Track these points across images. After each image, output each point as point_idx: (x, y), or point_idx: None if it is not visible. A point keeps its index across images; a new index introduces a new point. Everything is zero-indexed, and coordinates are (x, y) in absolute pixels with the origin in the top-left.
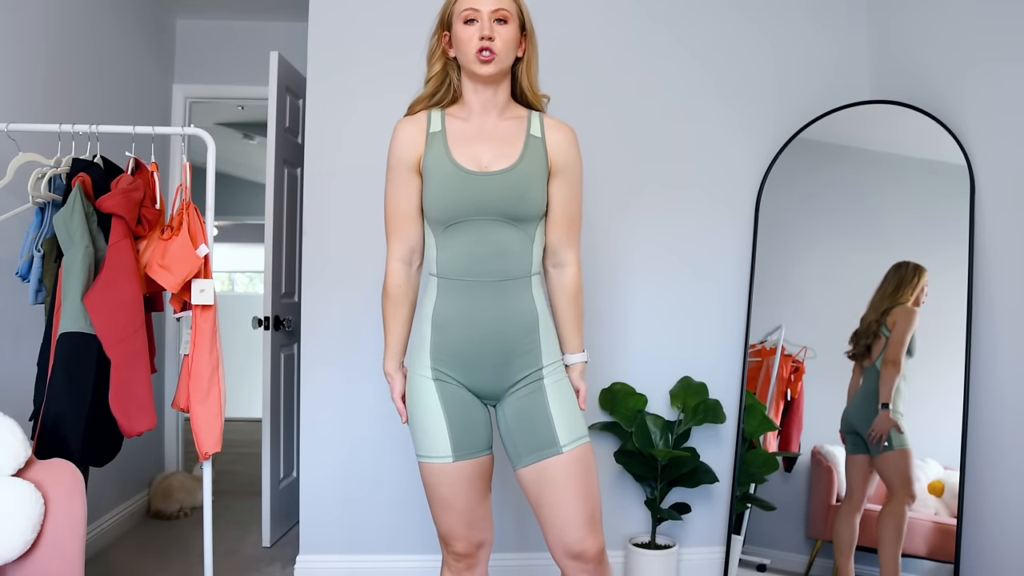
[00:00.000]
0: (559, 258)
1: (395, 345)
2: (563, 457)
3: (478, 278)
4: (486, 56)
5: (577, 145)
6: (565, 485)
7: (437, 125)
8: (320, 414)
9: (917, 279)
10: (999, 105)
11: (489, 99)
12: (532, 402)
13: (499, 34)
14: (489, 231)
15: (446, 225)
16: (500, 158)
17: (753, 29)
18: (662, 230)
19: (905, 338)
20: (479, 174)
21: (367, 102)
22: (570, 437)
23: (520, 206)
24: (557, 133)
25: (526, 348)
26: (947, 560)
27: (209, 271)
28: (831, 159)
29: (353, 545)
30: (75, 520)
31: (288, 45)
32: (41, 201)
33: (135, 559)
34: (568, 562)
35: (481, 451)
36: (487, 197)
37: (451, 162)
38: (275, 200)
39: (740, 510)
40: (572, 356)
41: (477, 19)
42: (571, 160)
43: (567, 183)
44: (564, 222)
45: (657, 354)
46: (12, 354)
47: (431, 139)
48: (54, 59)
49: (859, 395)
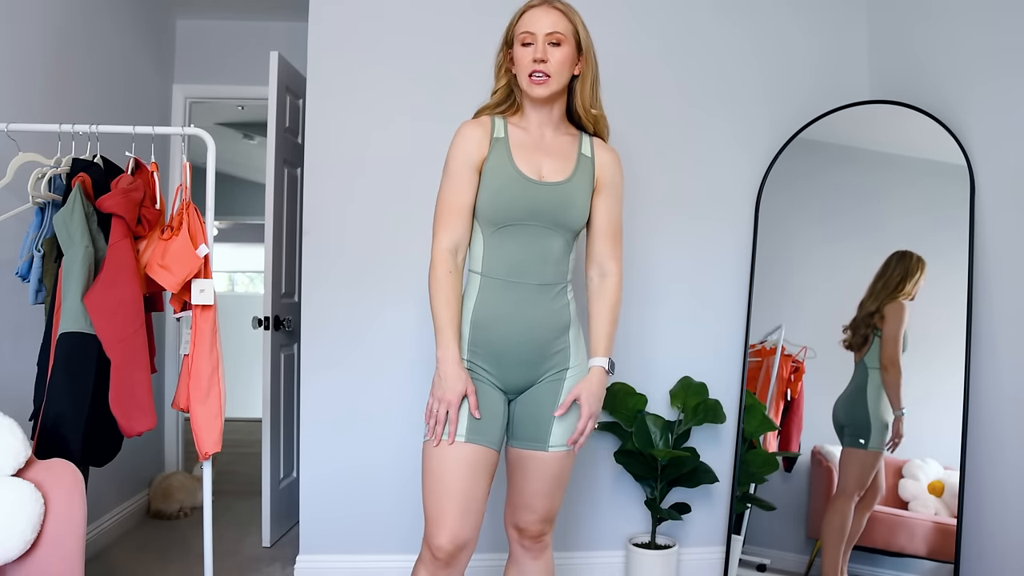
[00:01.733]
0: (604, 268)
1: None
2: (546, 455)
3: (520, 280)
4: (538, 79)
5: (621, 167)
6: (538, 480)
7: (500, 132)
8: (320, 414)
9: (920, 273)
10: (999, 105)
11: (546, 116)
12: (545, 398)
13: (552, 56)
14: (536, 236)
15: (498, 226)
16: (556, 171)
17: (753, 29)
18: (662, 230)
19: (899, 336)
20: (537, 183)
21: (367, 102)
22: (559, 441)
23: (568, 216)
24: (605, 155)
25: (556, 349)
26: (947, 560)
27: (209, 271)
28: (831, 159)
29: (353, 545)
30: (75, 520)
31: (288, 45)
32: (41, 201)
33: (135, 559)
34: (511, 531)
35: (492, 444)
36: (541, 205)
37: (514, 168)
38: (275, 200)
39: (740, 510)
40: (595, 360)
41: (533, 42)
42: (616, 179)
43: (612, 199)
44: (609, 235)
45: (657, 354)
46: (12, 354)
47: (495, 144)
48: (54, 59)
49: (848, 389)
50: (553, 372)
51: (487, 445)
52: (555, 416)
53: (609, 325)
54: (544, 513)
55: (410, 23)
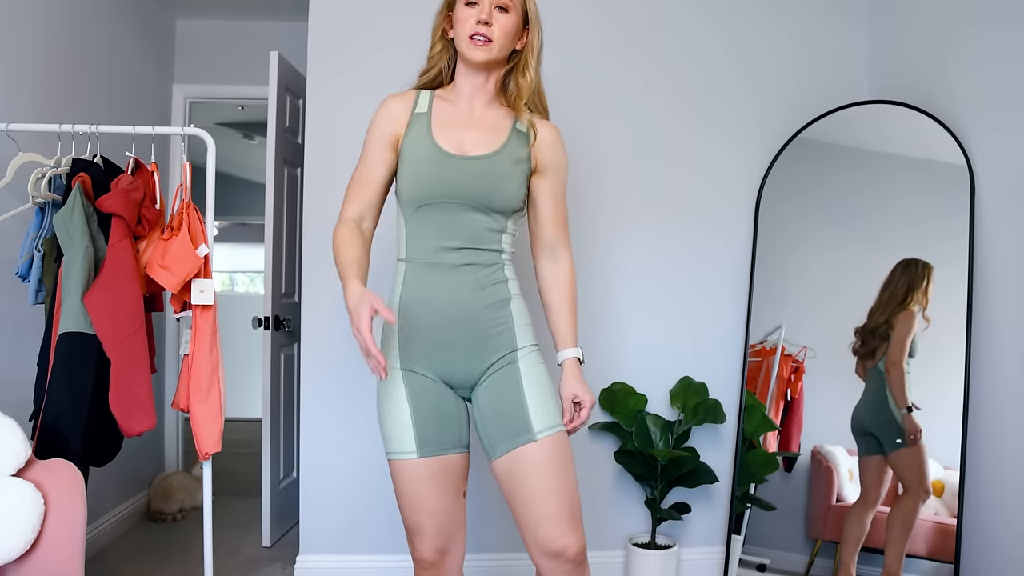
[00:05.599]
0: (555, 253)
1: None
2: (537, 445)
3: (444, 260)
4: (479, 41)
5: (563, 143)
6: (540, 476)
7: (424, 107)
8: (320, 414)
9: (927, 282)
10: (999, 105)
11: (480, 85)
12: (506, 387)
13: (497, 21)
14: (461, 216)
15: (417, 206)
16: (481, 144)
17: (752, 30)
18: (662, 230)
19: (905, 341)
20: (458, 157)
21: (367, 102)
22: (545, 424)
23: (494, 196)
24: (545, 132)
25: (497, 327)
26: (947, 560)
27: (209, 271)
28: (831, 159)
29: (353, 545)
30: (75, 520)
31: (288, 45)
32: (41, 201)
33: (135, 559)
34: (545, 561)
35: (451, 449)
36: (462, 182)
37: (431, 143)
38: (275, 200)
39: (740, 510)
40: (566, 351)
41: (479, 2)
42: (559, 158)
43: (556, 180)
44: (557, 218)
45: (657, 354)
46: (12, 354)
47: (414, 119)
48: (54, 59)
49: (867, 396)
50: (501, 357)
51: (442, 453)
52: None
53: (570, 314)
54: (567, 513)
55: (410, 23)
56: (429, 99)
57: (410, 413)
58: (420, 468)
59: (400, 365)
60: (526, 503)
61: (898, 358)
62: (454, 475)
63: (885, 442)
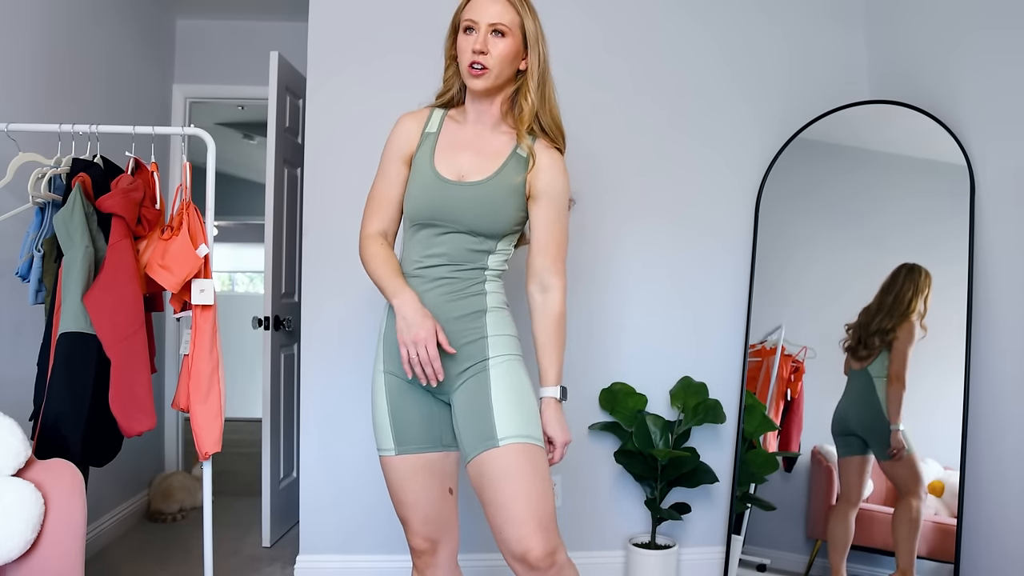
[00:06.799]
0: (545, 283)
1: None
2: (501, 451)
3: (423, 273)
4: (477, 71)
5: (564, 170)
6: (505, 480)
7: (434, 127)
8: (320, 414)
9: (928, 290)
10: (999, 105)
11: (484, 110)
12: (476, 392)
13: (494, 48)
14: (445, 237)
15: (411, 222)
16: (477, 169)
17: (752, 30)
18: (663, 230)
19: (908, 354)
20: (453, 183)
21: (367, 102)
22: (511, 432)
23: (482, 222)
24: (544, 158)
25: (471, 335)
26: (947, 560)
27: (209, 271)
28: (831, 160)
29: (353, 545)
30: (75, 520)
31: (288, 45)
32: (41, 201)
33: (135, 559)
34: (514, 564)
35: (431, 447)
36: (453, 206)
37: (430, 167)
38: (275, 200)
39: (740, 510)
40: (545, 390)
41: (476, 29)
42: (557, 185)
43: (552, 208)
44: (550, 247)
45: (657, 354)
46: (12, 354)
47: (424, 139)
48: (54, 59)
49: (852, 397)
50: (473, 366)
51: (422, 451)
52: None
53: (555, 350)
54: (532, 515)
55: (410, 22)
56: (440, 119)
57: (388, 412)
58: (399, 464)
59: (383, 368)
60: (493, 505)
61: (901, 372)
62: (436, 472)
63: (876, 450)
